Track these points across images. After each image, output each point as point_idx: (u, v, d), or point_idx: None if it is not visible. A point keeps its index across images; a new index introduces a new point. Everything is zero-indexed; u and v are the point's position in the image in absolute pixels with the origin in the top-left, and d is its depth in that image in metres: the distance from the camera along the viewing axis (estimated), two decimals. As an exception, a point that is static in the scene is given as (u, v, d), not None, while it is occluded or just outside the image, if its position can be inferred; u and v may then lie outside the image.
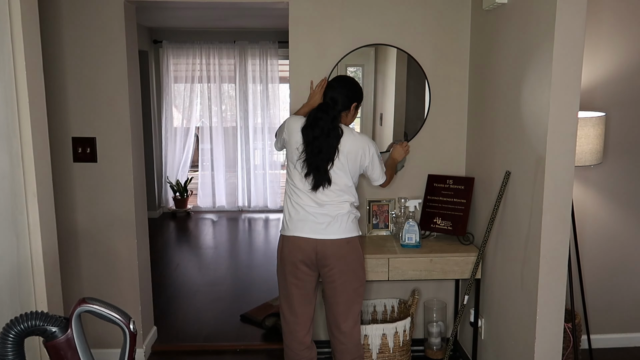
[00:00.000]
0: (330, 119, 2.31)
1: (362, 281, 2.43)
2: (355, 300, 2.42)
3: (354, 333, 2.44)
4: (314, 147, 2.30)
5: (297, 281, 2.39)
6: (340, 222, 2.33)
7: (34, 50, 1.92)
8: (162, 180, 6.74)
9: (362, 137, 2.40)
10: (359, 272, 2.40)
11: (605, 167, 3.03)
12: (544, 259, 2.15)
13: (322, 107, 2.35)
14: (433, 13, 2.89)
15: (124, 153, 2.87)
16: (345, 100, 2.38)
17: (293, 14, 2.85)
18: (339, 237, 2.33)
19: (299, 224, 2.35)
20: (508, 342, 2.48)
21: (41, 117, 1.98)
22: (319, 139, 2.29)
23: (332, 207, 2.33)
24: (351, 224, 2.37)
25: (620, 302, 3.18)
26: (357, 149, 2.34)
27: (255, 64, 6.54)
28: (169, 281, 4.44)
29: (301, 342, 2.47)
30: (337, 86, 2.41)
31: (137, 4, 2.93)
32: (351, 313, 2.42)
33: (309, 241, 2.33)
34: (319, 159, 2.30)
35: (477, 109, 2.86)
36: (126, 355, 1.23)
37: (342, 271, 2.35)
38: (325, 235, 2.32)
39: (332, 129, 2.30)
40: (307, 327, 2.47)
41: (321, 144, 2.29)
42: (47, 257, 1.97)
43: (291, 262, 2.37)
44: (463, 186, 2.86)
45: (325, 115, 2.32)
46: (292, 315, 2.44)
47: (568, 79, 2.03)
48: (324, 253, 2.33)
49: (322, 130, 2.29)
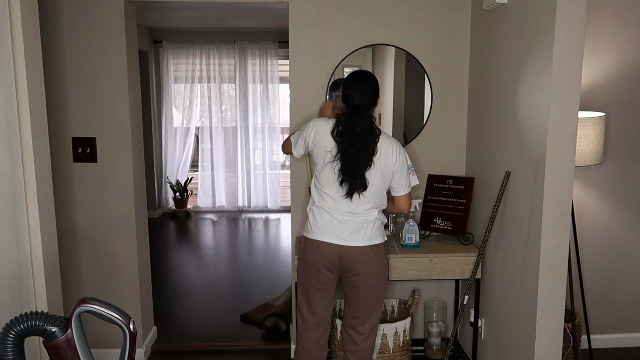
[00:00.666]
0: (368, 124, 2.22)
1: (385, 287, 2.42)
2: (376, 306, 2.42)
3: (370, 337, 2.45)
4: (351, 155, 2.20)
5: (319, 284, 2.37)
6: (366, 229, 2.30)
7: (34, 50, 1.92)
8: (162, 180, 6.74)
9: (392, 139, 2.34)
10: (382, 278, 2.38)
11: (605, 167, 3.03)
12: (544, 259, 2.15)
13: (357, 112, 2.22)
14: (433, 13, 2.89)
15: (124, 153, 2.87)
16: (374, 97, 2.30)
17: (293, 14, 2.85)
18: (364, 244, 2.29)
19: (324, 229, 2.29)
20: (508, 342, 2.48)
21: (41, 117, 1.98)
22: (356, 146, 2.20)
23: (360, 214, 2.29)
24: (377, 230, 2.33)
25: (620, 302, 3.18)
26: (389, 149, 2.27)
27: (255, 64, 6.54)
28: (169, 281, 4.44)
29: (316, 342, 2.47)
30: (359, 85, 2.27)
31: (137, 4, 2.93)
32: (371, 318, 2.43)
33: (333, 247, 2.29)
34: (357, 166, 2.21)
35: (477, 109, 2.86)
36: (126, 355, 1.23)
37: (366, 278, 2.33)
38: (350, 242, 2.28)
39: (369, 134, 2.22)
40: (324, 328, 2.47)
41: (359, 151, 2.20)
42: (47, 257, 1.97)
43: (314, 266, 2.33)
44: (463, 186, 2.86)
45: (361, 120, 2.20)
46: (312, 316, 2.43)
47: (568, 79, 2.04)
48: (348, 259, 2.30)
49: (359, 137, 2.19)
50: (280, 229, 6.15)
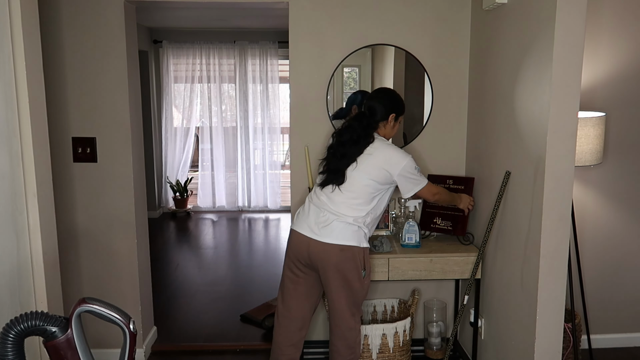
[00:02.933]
0: (362, 127, 2.32)
1: (359, 293, 2.37)
2: (349, 307, 2.37)
3: (348, 337, 2.41)
4: (337, 151, 2.33)
5: (293, 275, 2.40)
6: (340, 227, 2.27)
7: (34, 50, 1.92)
8: (162, 180, 6.74)
9: (394, 148, 2.37)
10: (354, 283, 2.33)
11: (605, 167, 3.03)
12: (544, 259, 2.15)
13: (357, 116, 2.38)
14: (433, 13, 2.89)
15: (124, 153, 2.87)
16: (383, 110, 2.38)
17: (293, 14, 2.85)
18: (331, 242, 2.27)
19: (301, 218, 2.37)
20: (508, 342, 2.48)
21: (41, 117, 1.98)
22: (346, 145, 2.31)
23: (340, 208, 2.28)
24: (352, 232, 2.29)
25: (620, 302, 3.18)
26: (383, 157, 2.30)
27: (255, 64, 6.54)
28: (169, 281, 4.44)
29: (289, 337, 2.45)
30: (375, 96, 2.44)
31: (137, 4, 2.93)
32: (344, 320, 2.38)
33: (303, 238, 2.32)
34: (341, 163, 2.30)
35: (477, 109, 2.86)
36: (126, 355, 1.23)
37: (334, 277, 2.30)
38: (319, 236, 2.28)
39: (362, 137, 2.30)
40: (298, 324, 2.45)
41: (347, 150, 2.30)
42: (47, 257, 1.97)
43: (289, 255, 2.40)
44: (463, 186, 2.86)
45: (357, 123, 2.34)
46: (285, 309, 2.45)
47: (568, 79, 2.03)
48: (315, 255, 2.30)
49: (351, 136, 2.31)
50: (280, 229, 6.15)
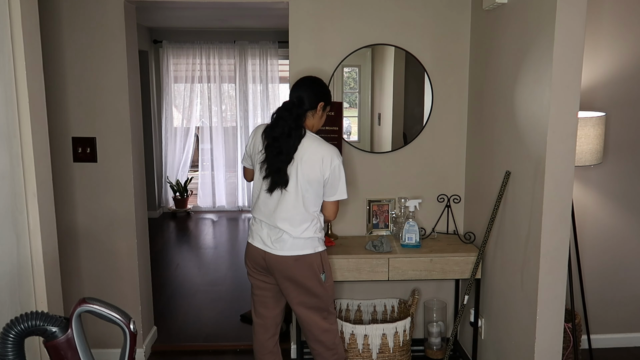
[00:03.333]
0: (293, 118, 2.19)
1: (322, 297, 2.31)
2: (316, 311, 2.33)
3: (324, 339, 2.38)
4: (274, 148, 2.20)
5: (258, 282, 2.39)
6: (289, 238, 2.23)
7: (34, 50, 1.92)
8: (162, 180, 6.74)
9: (327, 145, 2.24)
10: (315, 289, 2.28)
11: (605, 167, 3.03)
12: (544, 259, 2.15)
13: (285, 106, 2.23)
14: (433, 13, 2.89)
15: (124, 153, 2.87)
16: (312, 98, 2.25)
17: (293, 14, 2.85)
18: (285, 254, 2.24)
19: (253, 232, 2.34)
20: (508, 342, 2.48)
21: (41, 117, 1.98)
22: (280, 139, 2.18)
23: (284, 222, 2.22)
24: (303, 240, 2.24)
25: (620, 302, 3.18)
26: (317, 156, 2.19)
27: (255, 64, 6.54)
28: (169, 281, 4.44)
29: (263, 345, 2.46)
30: (302, 85, 2.28)
31: (137, 4, 2.93)
32: (312, 323, 2.35)
33: (259, 251, 2.30)
34: (279, 160, 2.19)
35: (477, 109, 2.86)
36: (126, 355, 1.23)
37: (293, 287, 2.28)
38: (272, 250, 2.26)
39: (294, 129, 2.19)
40: (270, 331, 2.45)
41: (281, 145, 2.18)
42: (47, 257, 1.97)
43: (248, 265, 2.39)
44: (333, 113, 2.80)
45: (287, 114, 2.20)
46: (257, 317, 2.45)
47: (568, 79, 2.04)
48: (271, 266, 2.29)
49: (282, 130, 2.18)
50: (280, 229, 6.14)
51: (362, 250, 2.74)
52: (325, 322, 2.36)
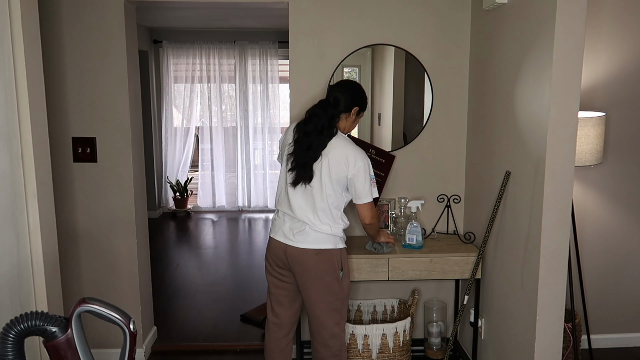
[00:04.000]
0: (327, 117, 2.26)
1: (339, 296, 2.34)
2: (329, 313, 2.34)
3: (331, 345, 2.38)
4: (303, 143, 2.25)
5: (276, 280, 2.42)
6: (312, 231, 2.27)
7: (34, 50, 1.92)
8: (162, 180, 6.74)
9: (354, 147, 2.29)
10: (333, 285, 2.31)
11: (605, 167, 3.03)
12: (544, 259, 2.15)
13: (321, 104, 2.31)
14: (433, 13, 2.89)
15: (124, 153, 2.87)
16: (348, 102, 2.31)
17: (293, 14, 2.85)
18: (307, 247, 2.27)
19: (277, 226, 2.37)
20: (508, 342, 2.48)
21: (41, 117, 1.98)
22: (311, 135, 2.24)
23: (308, 214, 2.26)
24: (327, 236, 2.29)
25: (621, 302, 3.18)
26: (342, 155, 2.24)
27: (255, 64, 6.54)
28: (169, 281, 4.44)
29: (277, 344, 2.46)
30: (341, 87, 2.36)
31: (137, 4, 2.93)
32: (324, 326, 2.35)
33: (280, 245, 2.33)
34: (307, 155, 2.24)
35: (477, 109, 2.86)
36: (126, 355, 1.23)
37: (312, 283, 2.30)
38: (294, 242, 2.29)
39: (327, 127, 2.25)
40: (284, 330, 2.46)
41: (312, 140, 2.24)
42: (47, 257, 1.97)
43: (268, 261, 2.42)
44: (384, 160, 2.86)
45: (322, 112, 2.27)
46: (272, 315, 2.46)
47: (568, 79, 2.04)
48: (292, 259, 2.31)
49: (315, 126, 2.25)
50: (280, 229, 6.14)
51: (362, 250, 2.74)
52: (337, 327, 2.38)
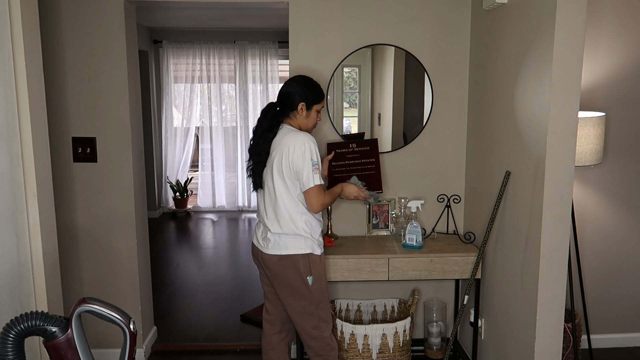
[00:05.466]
0: (268, 120, 2.30)
1: (310, 300, 2.31)
2: (305, 317, 2.35)
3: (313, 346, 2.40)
4: (252, 148, 2.34)
5: (264, 278, 2.49)
6: (273, 237, 2.29)
7: (34, 50, 1.92)
8: (162, 180, 6.74)
9: (295, 134, 2.21)
10: (302, 290, 2.29)
11: (605, 167, 3.03)
12: (544, 259, 2.15)
13: (266, 107, 2.35)
14: (433, 13, 2.89)
15: (124, 153, 2.87)
16: (294, 98, 2.28)
17: (293, 14, 2.85)
18: (271, 252, 2.31)
19: (254, 231, 2.46)
20: (508, 342, 2.48)
21: (41, 117, 1.98)
22: (257, 141, 2.32)
23: (269, 219, 2.31)
24: (288, 241, 2.26)
25: (621, 302, 3.18)
26: (284, 145, 2.21)
27: (255, 64, 6.54)
28: (169, 281, 4.44)
29: (268, 340, 2.54)
30: (287, 85, 2.33)
31: (137, 4, 2.93)
32: (302, 329, 2.38)
33: (256, 249, 2.42)
34: (255, 160, 2.33)
35: (477, 109, 2.86)
36: (126, 355, 1.23)
37: (280, 287, 2.35)
38: (262, 248, 2.35)
39: (266, 130, 2.29)
40: (276, 327, 2.53)
41: (257, 146, 2.31)
42: (47, 257, 1.97)
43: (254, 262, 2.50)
44: (368, 147, 2.80)
45: (262, 116, 2.33)
46: (265, 312, 2.55)
47: (568, 79, 2.04)
48: (264, 263, 2.38)
49: (256, 132, 2.32)
50: (280, 229, 6.14)
51: (362, 251, 2.74)
52: (316, 330, 2.37)
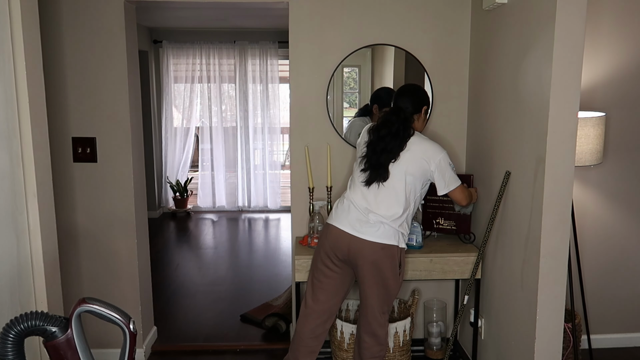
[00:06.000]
0: (400, 121, 2.37)
1: (394, 290, 2.42)
2: (382, 305, 2.42)
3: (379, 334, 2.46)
4: (377, 146, 2.36)
5: (327, 269, 2.44)
6: (381, 226, 2.33)
7: (34, 50, 1.92)
8: (162, 180, 6.74)
9: (431, 142, 2.41)
10: (391, 280, 2.38)
11: (605, 167, 3.03)
12: (544, 259, 2.15)
13: (393, 111, 2.42)
14: (433, 13, 2.89)
15: (124, 153, 2.87)
16: (417, 103, 2.46)
17: (293, 14, 2.85)
18: (374, 240, 2.32)
19: (342, 215, 2.40)
20: (508, 342, 2.48)
21: (41, 117, 1.98)
22: (385, 138, 2.35)
23: (383, 211, 2.33)
24: (394, 232, 2.35)
25: (620, 302, 3.18)
26: (421, 151, 2.36)
27: (255, 64, 6.54)
28: (169, 281, 4.44)
29: (312, 330, 2.50)
30: (407, 91, 2.51)
31: (137, 4, 2.93)
32: (375, 318, 2.43)
33: (344, 235, 2.36)
34: (382, 157, 2.35)
35: (477, 109, 2.86)
36: (126, 355, 1.23)
37: (372, 275, 2.36)
38: (361, 234, 2.33)
39: (402, 130, 2.36)
40: (323, 318, 2.50)
41: (387, 143, 2.35)
42: (47, 257, 1.97)
43: (324, 249, 2.43)
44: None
45: (395, 117, 2.38)
46: (313, 302, 2.49)
47: (568, 79, 2.04)
48: (355, 251, 2.34)
49: (389, 130, 2.35)
50: (280, 229, 6.15)
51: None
52: (384, 316, 2.46)
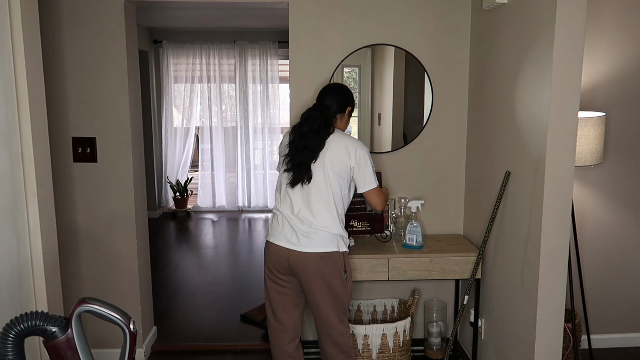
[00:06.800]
0: (322, 117, 2.31)
1: (344, 297, 2.34)
2: (336, 314, 2.34)
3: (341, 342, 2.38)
4: (299, 143, 2.30)
5: (277, 286, 2.37)
6: (316, 234, 2.25)
7: (34, 50, 1.92)
8: (162, 180, 6.74)
9: (352, 138, 2.37)
10: (339, 288, 2.30)
11: (605, 167, 3.03)
12: (544, 259, 2.15)
13: (316, 107, 2.37)
14: (433, 13, 2.89)
15: (124, 153, 2.87)
16: (341, 102, 2.41)
17: (293, 14, 2.85)
18: (312, 250, 2.25)
19: (277, 230, 2.33)
20: (508, 342, 2.48)
21: (41, 117, 1.98)
22: (307, 135, 2.29)
23: (310, 214, 2.25)
24: (331, 238, 2.27)
25: (621, 302, 3.18)
26: (342, 147, 2.28)
27: (255, 64, 6.54)
28: (169, 281, 4.44)
29: (283, 349, 2.43)
30: (332, 90, 2.44)
31: (137, 4, 2.93)
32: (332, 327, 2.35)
33: (282, 250, 2.29)
34: (304, 155, 2.28)
35: (477, 109, 2.86)
36: (126, 355, 1.23)
37: (318, 286, 2.28)
38: (298, 247, 2.26)
39: (323, 127, 2.30)
40: (290, 335, 2.43)
41: (308, 141, 2.29)
42: (47, 257, 1.97)
43: (267, 266, 2.37)
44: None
45: (318, 113, 2.33)
46: (276, 322, 2.42)
47: (568, 79, 2.04)
48: (295, 264, 2.28)
49: (311, 127, 2.30)
50: (280, 229, 6.14)
51: (362, 250, 2.74)
52: (342, 325, 2.37)
